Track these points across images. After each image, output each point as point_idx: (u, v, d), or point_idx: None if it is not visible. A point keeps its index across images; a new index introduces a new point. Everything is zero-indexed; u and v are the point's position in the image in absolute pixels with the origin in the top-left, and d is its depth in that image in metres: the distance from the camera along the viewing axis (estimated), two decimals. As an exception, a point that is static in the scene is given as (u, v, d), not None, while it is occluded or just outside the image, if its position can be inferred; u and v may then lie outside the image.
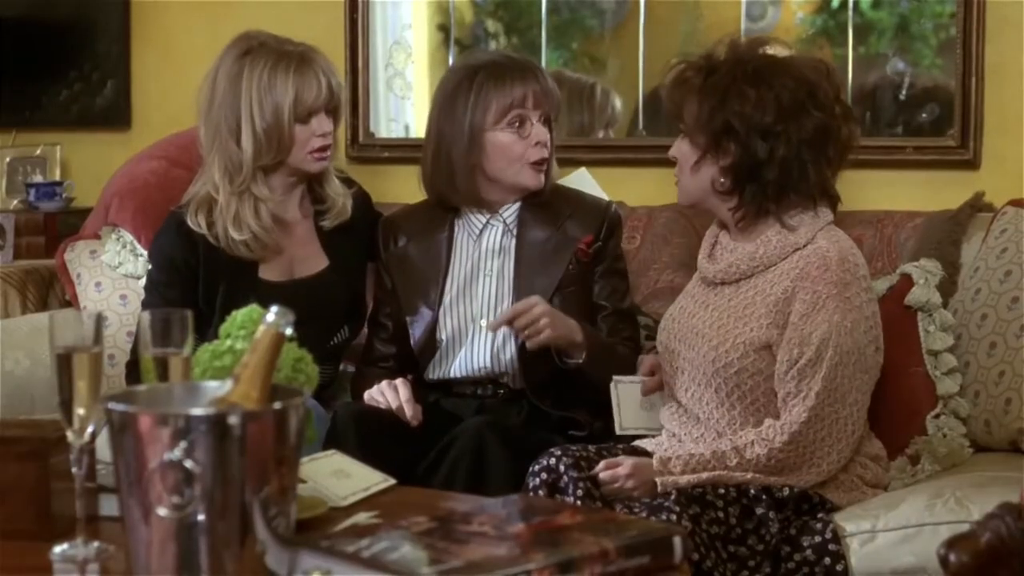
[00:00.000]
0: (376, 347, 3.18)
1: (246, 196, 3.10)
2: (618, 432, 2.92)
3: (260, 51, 3.08)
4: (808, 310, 2.65)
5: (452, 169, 3.05)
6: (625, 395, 2.92)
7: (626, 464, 2.65)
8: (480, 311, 3.06)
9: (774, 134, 2.69)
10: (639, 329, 3.15)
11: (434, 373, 3.09)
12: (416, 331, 3.08)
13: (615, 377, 2.93)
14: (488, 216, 3.10)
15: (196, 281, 3.13)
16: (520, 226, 3.08)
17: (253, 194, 3.10)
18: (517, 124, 3.02)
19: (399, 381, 2.96)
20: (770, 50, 2.82)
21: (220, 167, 3.09)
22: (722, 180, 2.75)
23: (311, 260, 3.21)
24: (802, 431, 2.63)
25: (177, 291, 3.10)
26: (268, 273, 3.17)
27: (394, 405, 2.91)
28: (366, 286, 3.31)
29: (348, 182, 3.27)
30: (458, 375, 3.06)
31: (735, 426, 2.72)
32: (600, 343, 2.98)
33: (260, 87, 3.05)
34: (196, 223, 3.12)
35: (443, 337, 3.06)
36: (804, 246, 2.72)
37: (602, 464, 2.66)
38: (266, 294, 3.03)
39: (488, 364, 3.03)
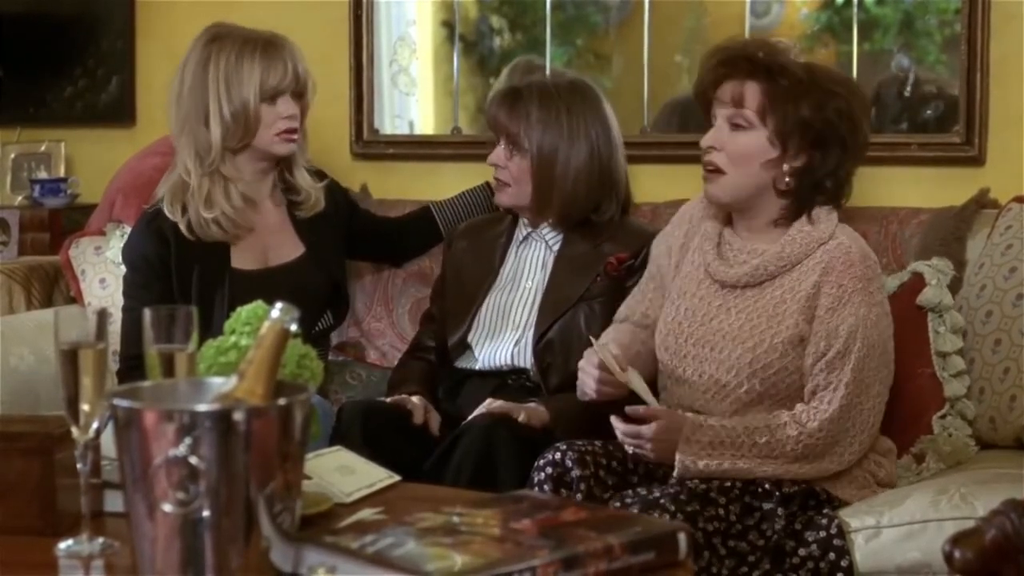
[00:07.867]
0: (422, 339, 3.29)
1: (216, 177, 3.18)
2: None
3: (227, 38, 3.18)
4: (834, 304, 2.66)
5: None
6: (636, 379, 2.86)
7: (651, 427, 2.62)
8: (512, 320, 3.13)
9: (846, 146, 2.71)
10: None
11: (461, 364, 3.17)
12: (452, 331, 3.17)
13: (631, 372, 2.88)
14: (531, 229, 3.20)
15: (171, 276, 3.17)
16: (563, 244, 3.17)
17: (223, 175, 3.18)
18: None
19: (416, 399, 3.04)
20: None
21: (191, 151, 3.17)
22: (787, 179, 2.72)
23: (286, 248, 3.27)
24: (833, 420, 2.64)
25: (154, 291, 3.14)
26: (241, 262, 3.22)
27: (418, 421, 3.00)
28: (345, 274, 3.40)
29: (319, 175, 3.34)
30: (482, 368, 3.13)
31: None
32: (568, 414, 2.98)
33: (227, 70, 3.14)
34: (172, 211, 3.19)
35: (472, 340, 3.15)
36: (827, 240, 2.72)
37: (627, 412, 2.64)
38: (239, 282, 3.10)
39: (509, 360, 3.11)
